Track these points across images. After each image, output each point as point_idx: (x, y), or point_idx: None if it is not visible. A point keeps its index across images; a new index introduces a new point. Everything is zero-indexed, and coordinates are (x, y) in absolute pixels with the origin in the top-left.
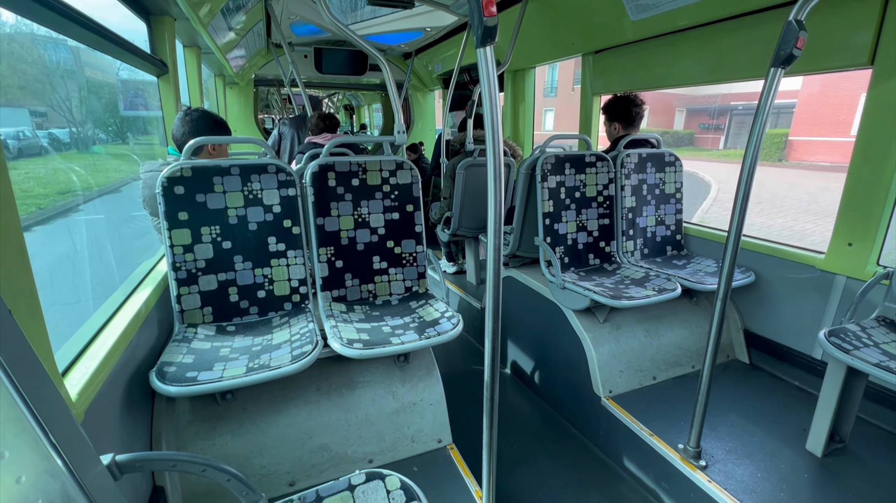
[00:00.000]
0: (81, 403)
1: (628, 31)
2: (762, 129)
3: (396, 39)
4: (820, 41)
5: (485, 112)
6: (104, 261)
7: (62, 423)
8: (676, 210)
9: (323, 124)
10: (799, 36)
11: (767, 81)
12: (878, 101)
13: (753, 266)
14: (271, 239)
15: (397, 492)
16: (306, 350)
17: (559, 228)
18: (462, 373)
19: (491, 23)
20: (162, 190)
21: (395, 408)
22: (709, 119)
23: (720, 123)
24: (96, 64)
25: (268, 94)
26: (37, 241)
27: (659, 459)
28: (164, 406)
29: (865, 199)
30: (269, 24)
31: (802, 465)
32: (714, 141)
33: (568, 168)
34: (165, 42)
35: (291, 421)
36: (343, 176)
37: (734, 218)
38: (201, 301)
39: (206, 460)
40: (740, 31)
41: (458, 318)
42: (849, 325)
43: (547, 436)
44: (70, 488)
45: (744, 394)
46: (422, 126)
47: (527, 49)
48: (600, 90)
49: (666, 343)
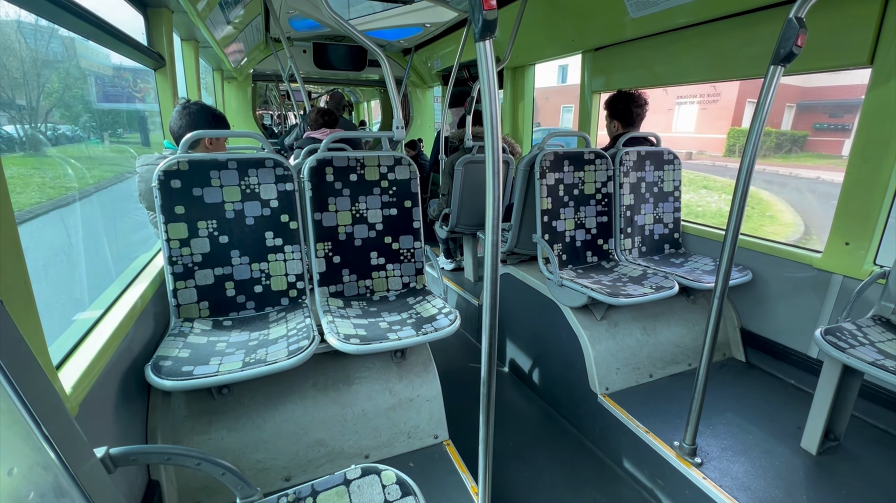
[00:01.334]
0: (76, 397)
1: (628, 29)
2: (761, 128)
3: (396, 35)
4: (819, 40)
5: (484, 108)
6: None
7: (55, 416)
8: (674, 208)
9: (322, 119)
10: (799, 33)
11: (767, 79)
12: (876, 100)
13: (751, 265)
14: (268, 233)
15: (393, 486)
16: (303, 345)
17: (557, 225)
18: (459, 369)
19: (491, 16)
20: (158, 184)
21: (391, 404)
22: (827, 117)
23: (843, 123)
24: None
25: (266, 90)
26: None
27: (654, 456)
28: (159, 400)
29: (863, 198)
30: (268, 18)
31: (797, 463)
32: (835, 145)
33: (567, 165)
34: (163, 35)
35: (288, 416)
36: (341, 171)
37: (731, 216)
38: (198, 295)
39: (202, 454)
40: (740, 29)
41: (455, 315)
42: (845, 324)
43: (543, 433)
44: (63, 480)
45: (740, 392)
46: (421, 122)
47: (526, 46)
48: (599, 88)
49: (663, 341)
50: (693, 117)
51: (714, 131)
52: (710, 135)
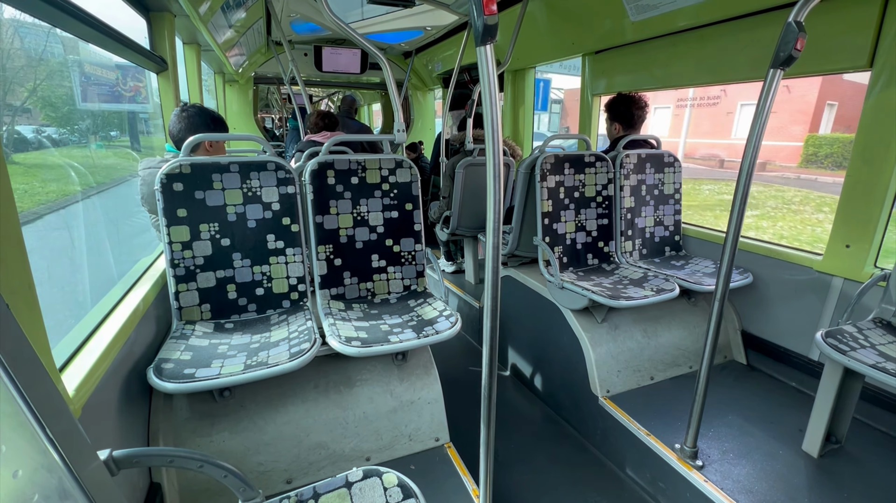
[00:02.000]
0: (79, 399)
1: (628, 32)
2: (761, 130)
3: (397, 38)
4: (819, 43)
5: (484, 111)
6: None
7: (59, 418)
8: (675, 210)
9: (322, 123)
10: (798, 37)
11: (766, 83)
12: (877, 103)
13: (751, 267)
14: (270, 236)
15: (394, 489)
16: (304, 347)
17: (558, 228)
18: (460, 372)
19: (491, 21)
20: (160, 187)
21: (392, 407)
22: None
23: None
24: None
25: (268, 93)
26: None
27: (655, 459)
28: (161, 403)
29: (864, 200)
30: (270, 21)
31: (798, 466)
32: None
33: (567, 168)
34: (165, 39)
35: (289, 418)
36: (342, 174)
37: (732, 219)
38: (199, 298)
39: (204, 456)
40: (740, 33)
41: (456, 317)
42: (846, 327)
43: (544, 436)
44: (67, 483)
45: (741, 394)
46: (421, 125)
47: (527, 49)
48: (600, 91)
49: (664, 343)
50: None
51: (786, 138)
52: (781, 142)
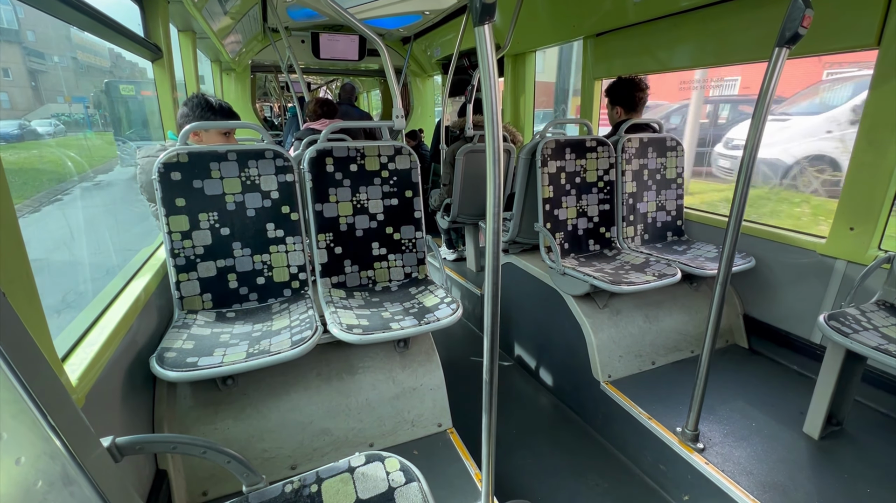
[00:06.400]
0: (82, 388)
1: (630, 13)
2: (765, 113)
3: (395, 23)
4: (825, 21)
5: (484, 95)
6: None
7: (62, 406)
8: (677, 195)
9: (321, 110)
10: (805, 14)
11: (772, 62)
12: (883, 83)
13: (754, 251)
14: (270, 225)
15: (397, 473)
16: (306, 335)
17: (559, 214)
18: (462, 358)
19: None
20: (158, 176)
21: (395, 393)
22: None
23: None
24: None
25: (265, 82)
26: None
27: (657, 442)
28: (165, 391)
29: (868, 182)
30: (265, 7)
31: (799, 448)
32: None
33: (568, 153)
34: (159, 25)
35: (292, 406)
36: (341, 161)
37: (735, 203)
38: (200, 287)
39: (207, 442)
40: (744, 11)
41: (457, 304)
42: (848, 309)
43: (546, 420)
44: (70, 469)
45: (742, 378)
46: (421, 112)
47: (527, 32)
48: (602, 74)
49: (665, 328)
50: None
51: None
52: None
